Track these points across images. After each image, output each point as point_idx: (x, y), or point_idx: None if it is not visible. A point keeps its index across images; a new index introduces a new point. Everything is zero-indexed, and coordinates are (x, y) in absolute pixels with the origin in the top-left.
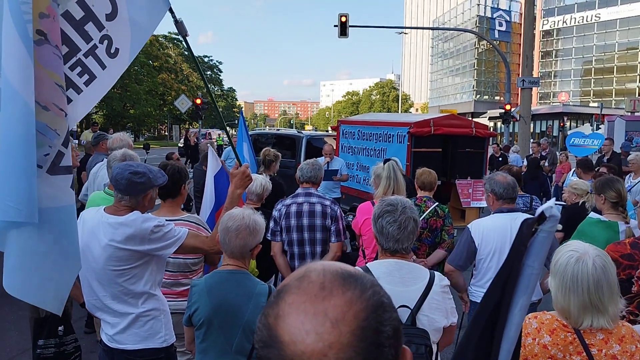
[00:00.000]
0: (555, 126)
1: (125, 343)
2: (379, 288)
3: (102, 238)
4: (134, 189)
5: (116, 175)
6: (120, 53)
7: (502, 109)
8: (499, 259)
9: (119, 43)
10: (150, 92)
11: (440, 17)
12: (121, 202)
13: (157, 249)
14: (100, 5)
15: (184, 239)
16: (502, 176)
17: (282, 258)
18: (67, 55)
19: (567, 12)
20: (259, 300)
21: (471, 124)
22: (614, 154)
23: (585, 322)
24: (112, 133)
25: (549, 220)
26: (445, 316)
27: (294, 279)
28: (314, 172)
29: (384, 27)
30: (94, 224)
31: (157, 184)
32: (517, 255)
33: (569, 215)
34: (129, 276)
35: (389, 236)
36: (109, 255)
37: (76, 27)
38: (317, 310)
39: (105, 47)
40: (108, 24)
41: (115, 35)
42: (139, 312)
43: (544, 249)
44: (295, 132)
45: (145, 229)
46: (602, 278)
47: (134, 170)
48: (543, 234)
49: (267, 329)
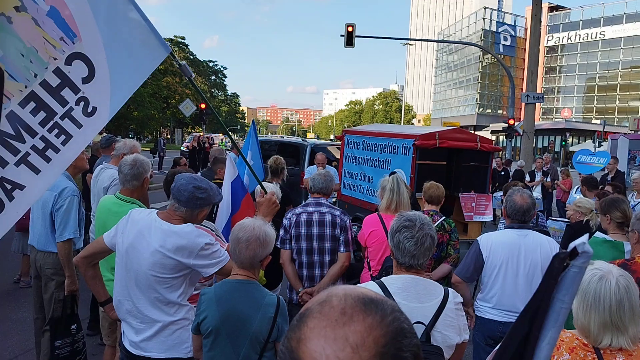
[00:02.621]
0: (557, 142)
1: (151, 351)
2: (399, 314)
3: (153, 243)
4: (195, 203)
5: (179, 187)
6: (98, 110)
7: (505, 123)
8: (505, 274)
9: (96, 102)
10: (154, 95)
11: (446, 29)
12: (176, 212)
13: (201, 265)
14: (77, 70)
15: (225, 262)
16: (520, 197)
17: (291, 266)
18: (44, 120)
19: (572, 29)
20: (267, 311)
21: (476, 138)
22: (618, 173)
23: (605, 340)
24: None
25: (581, 256)
26: (459, 333)
27: (315, 303)
28: (326, 184)
29: (389, 38)
30: (144, 226)
31: (215, 201)
32: (547, 288)
33: (574, 233)
34: (168, 285)
35: (405, 251)
36: (156, 261)
37: (52, 93)
38: (338, 335)
39: (82, 108)
40: (84, 87)
41: (92, 96)
42: (171, 320)
43: (576, 284)
44: (299, 140)
45: (197, 244)
46: (624, 298)
47: (197, 185)
48: (575, 269)
49: (289, 352)
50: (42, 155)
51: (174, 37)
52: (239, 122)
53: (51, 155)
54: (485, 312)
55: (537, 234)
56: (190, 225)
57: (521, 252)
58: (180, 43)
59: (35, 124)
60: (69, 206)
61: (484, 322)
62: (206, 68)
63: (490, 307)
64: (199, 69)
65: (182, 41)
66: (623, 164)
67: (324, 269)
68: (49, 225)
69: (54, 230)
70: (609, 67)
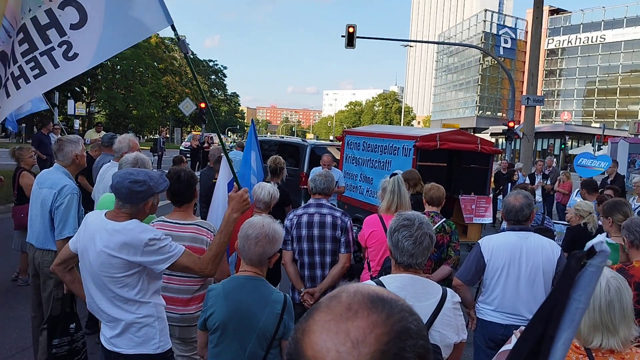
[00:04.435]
0: (556, 145)
1: (121, 347)
2: (408, 314)
3: (98, 243)
4: (134, 197)
5: (116, 184)
6: (79, 57)
7: (504, 126)
8: (507, 276)
9: (80, 49)
10: (154, 94)
11: (446, 31)
12: (121, 210)
13: (149, 262)
14: (67, 16)
15: (177, 257)
16: (513, 198)
17: (293, 267)
18: (25, 51)
19: (572, 32)
20: (274, 308)
21: (477, 140)
22: (618, 176)
23: (595, 341)
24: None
25: (598, 255)
26: (457, 332)
27: (327, 297)
28: (327, 184)
29: (390, 40)
30: (94, 228)
31: (158, 190)
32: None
33: (573, 236)
34: (121, 284)
35: (403, 250)
36: (103, 261)
37: (39, 30)
38: (340, 330)
39: (63, 51)
40: (71, 32)
41: (76, 42)
42: (133, 318)
43: (593, 283)
44: (299, 140)
45: (140, 240)
46: (614, 299)
47: (134, 179)
48: (592, 268)
49: (294, 343)
50: (14, 82)
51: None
52: (238, 121)
53: (21, 84)
54: (487, 314)
55: (538, 236)
56: (135, 221)
57: (523, 254)
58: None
59: (18, 53)
60: (69, 204)
61: (485, 325)
62: (206, 67)
63: (491, 310)
64: (199, 68)
65: (182, 40)
66: (623, 168)
67: (325, 269)
68: (48, 223)
69: (53, 228)
70: (609, 71)
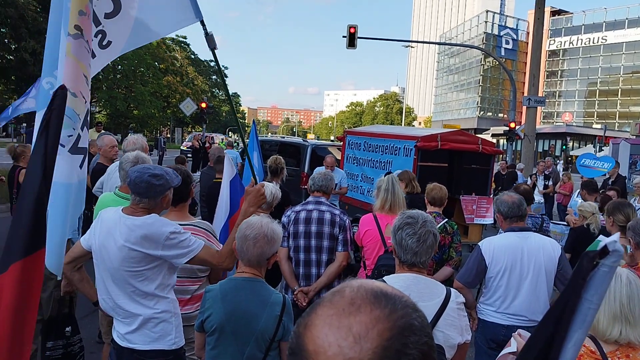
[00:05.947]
0: (557, 146)
1: (136, 343)
2: (412, 311)
3: (119, 239)
4: (154, 191)
5: (135, 179)
6: (112, 45)
7: (505, 126)
8: (509, 278)
9: (112, 37)
10: (155, 93)
11: (447, 32)
12: (139, 205)
13: (170, 256)
14: (102, 5)
15: (198, 250)
16: (507, 195)
17: (287, 264)
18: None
19: (574, 33)
20: (273, 310)
21: (478, 141)
22: (619, 177)
23: (614, 332)
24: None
25: (611, 255)
26: (460, 333)
27: (330, 292)
28: (326, 182)
29: (391, 40)
30: (111, 224)
31: (173, 184)
32: (574, 288)
33: (576, 236)
34: (142, 278)
35: (407, 249)
36: (124, 256)
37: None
38: (342, 324)
39: (99, 40)
40: (105, 21)
41: (110, 31)
42: (151, 314)
43: (605, 283)
44: (300, 140)
45: (162, 233)
46: (635, 292)
47: (152, 172)
48: (605, 268)
49: (296, 337)
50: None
51: (176, 36)
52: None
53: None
54: (488, 315)
55: (538, 235)
56: (154, 215)
57: (524, 255)
58: (182, 43)
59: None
60: None
61: (486, 325)
62: (207, 67)
63: (493, 311)
64: (200, 69)
65: (183, 40)
66: (624, 169)
67: (320, 268)
68: None
69: None
70: (610, 72)
